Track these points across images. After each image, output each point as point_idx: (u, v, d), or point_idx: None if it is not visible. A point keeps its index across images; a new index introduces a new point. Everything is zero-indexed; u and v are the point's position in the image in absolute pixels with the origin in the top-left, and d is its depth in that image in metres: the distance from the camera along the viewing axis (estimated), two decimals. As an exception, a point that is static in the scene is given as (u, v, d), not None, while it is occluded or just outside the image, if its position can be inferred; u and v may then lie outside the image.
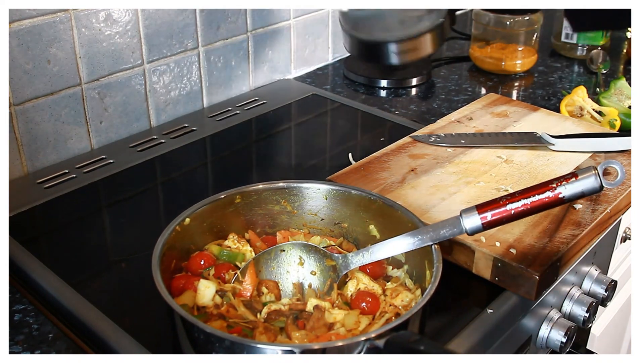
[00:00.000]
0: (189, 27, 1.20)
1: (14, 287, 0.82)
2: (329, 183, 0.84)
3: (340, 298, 0.74)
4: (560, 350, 0.89)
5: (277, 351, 0.60)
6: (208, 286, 0.72)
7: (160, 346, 0.71)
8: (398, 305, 0.72)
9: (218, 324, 0.68)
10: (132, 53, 1.13)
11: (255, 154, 1.18)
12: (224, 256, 0.78)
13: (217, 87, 1.30)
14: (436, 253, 0.71)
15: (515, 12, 1.46)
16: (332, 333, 0.67)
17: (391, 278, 0.78)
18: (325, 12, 1.47)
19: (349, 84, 1.43)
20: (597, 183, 0.68)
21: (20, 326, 0.75)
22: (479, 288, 0.81)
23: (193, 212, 0.78)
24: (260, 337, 0.66)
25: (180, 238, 0.76)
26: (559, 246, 0.81)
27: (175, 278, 0.75)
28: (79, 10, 1.04)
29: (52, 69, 1.03)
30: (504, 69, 1.46)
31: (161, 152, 1.12)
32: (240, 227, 0.83)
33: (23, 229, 0.92)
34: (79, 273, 0.84)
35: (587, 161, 1.01)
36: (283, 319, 0.69)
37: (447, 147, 1.04)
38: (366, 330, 0.68)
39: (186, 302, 0.71)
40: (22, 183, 1.03)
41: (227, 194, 0.81)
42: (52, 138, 1.07)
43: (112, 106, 1.13)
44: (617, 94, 1.28)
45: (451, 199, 0.91)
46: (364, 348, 0.61)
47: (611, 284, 0.98)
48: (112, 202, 1.00)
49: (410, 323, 0.64)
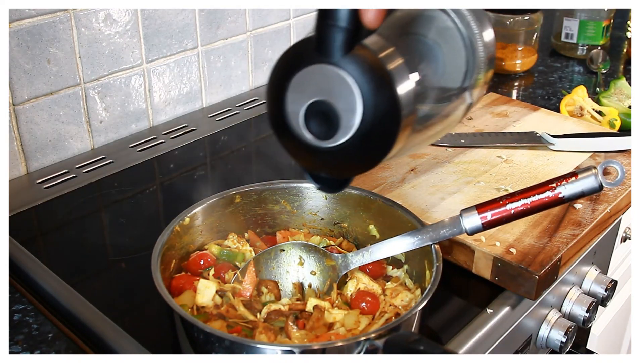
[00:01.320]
0: (189, 27, 1.20)
1: (14, 287, 0.82)
2: None
3: (340, 298, 0.74)
4: (560, 350, 0.89)
5: (277, 351, 0.60)
6: (208, 286, 0.72)
7: (160, 346, 0.71)
8: (398, 305, 0.72)
9: (218, 324, 0.68)
10: (132, 53, 1.13)
11: (255, 154, 1.18)
12: (223, 256, 0.78)
13: (216, 87, 1.30)
14: (436, 253, 0.71)
15: (515, 12, 1.46)
16: (332, 333, 0.67)
17: (391, 278, 0.78)
18: (325, 12, 1.47)
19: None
20: (597, 183, 0.68)
21: (20, 326, 0.75)
22: (479, 288, 0.81)
23: (193, 212, 0.78)
24: (260, 337, 0.66)
25: (180, 238, 0.76)
26: (559, 246, 0.81)
27: (175, 278, 0.75)
28: (79, 10, 1.03)
29: (51, 69, 1.03)
30: (504, 68, 1.46)
31: (161, 152, 1.12)
32: (240, 227, 0.83)
33: (23, 229, 0.92)
34: (79, 273, 0.84)
35: (587, 161, 1.01)
36: (283, 319, 0.69)
37: (447, 147, 1.04)
38: (366, 330, 0.68)
39: (186, 302, 0.71)
40: (22, 183, 1.03)
41: (227, 194, 0.81)
42: (52, 138, 1.07)
43: (112, 106, 1.13)
44: (617, 94, 1.28)
45: (451, 199, 0.91)
46: (364, 348, 0.61)
47: (611, 284, 0.98)
48: (112, 202, 1.00)
49: (409, 323, 0.64)
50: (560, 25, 1.57)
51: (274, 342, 0.66)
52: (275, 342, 0.66)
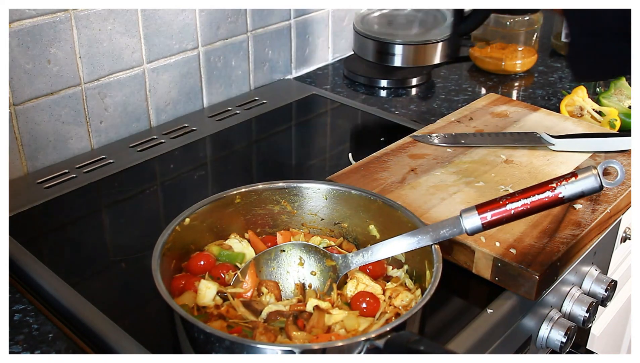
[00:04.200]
0: (189, 27, 1.20)
1: (14, 287, 0.82)
2: (328, 183, 0.84)
3: (340, 298, 0.74)
4: (560, 350, 0.89)
5: (277, 351, 0.60)
6: (209, 287, 0.72)
7: (160, 346, 0.72)
8: (398, 305, 0.72)
9: (218, 324, 0.68)
10: (132, 53, 1.13)
11: (255, 154, 1.18)
12: (223, 257, 0.78)
13: (217, 87, 1.30)
14: (436, 253, 0.71)
15: (515, 12, 1.46)
16: (332, 333, 0.67)
17: (391, 278, 0.78)
18: (325, 12, 1.47)
19: (349, 84, 1.43)
20: (597, 183, 0.68)
21: (20, 326, 0.75)
22: (479, 288, 0.81)
23: (193, 212, 0.78)
24: (260, 337, 0.66)
25: (181, 238, 0.76)
26: (559, 246, 0.81)
27: (175, 278, 0.75)
28: (79, 10, 1.04)
29: (52, 69, 1.03)
30: (504, 69, 1.46)
31: (161, 152, 1.12)
32: (240, 227, 0.83)
33: (23, 229, 0.92)
34: (79, 273, 0.84)
35: (587, 161, 1.01)
36: (283, 319, 0.69)
37: (447, 147, 1.04)
38: (366, 331, 0.68)
39: (186, 302, 0.71)
40: (22, 183, 1.03)
41: (227, 194, 0.81)
42: (52, 138, 1.07)
43: (112, 106, 1.13)
44: (617, 94, 1.28)
45: (451, 199, 0.91)
46: (364, 348, 0.61)
47: (611, 284, 0.98)
48: (112, 202, 1.00)
49: (409, 323, 0.64)
50: (560, 25, 1.57)
51: (274, 342, 0.66)
52: (275, 342, 0.66)
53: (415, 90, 1.40)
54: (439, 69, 1.49)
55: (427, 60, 1.35)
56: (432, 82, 1.44)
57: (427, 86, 1.43)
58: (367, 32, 1.36)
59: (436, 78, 1.46)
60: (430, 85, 1.43)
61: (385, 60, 1.36)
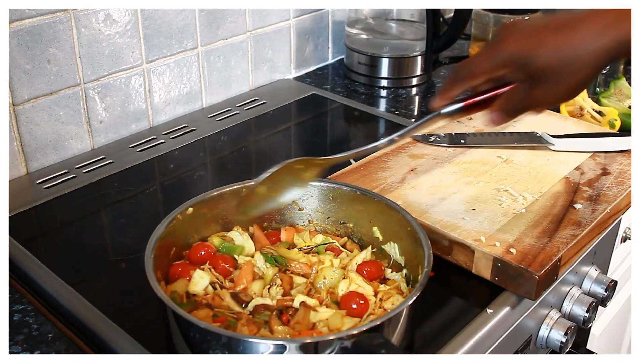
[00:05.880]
0: (189, 27, 1.20)
1: (14, 287, 0.82)
2: (336, 183, 0.85)
3: (330, 297, 0.74)
4: (560, 350, 0.89)
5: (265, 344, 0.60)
6: (203, 277, 0.74)
7: (160, 346, 0.71)
8: (388, 308, 0.72)
9: (204, 312, 0.69)
10: (132, 53, 1.13)
11: (255, 154, 1.18)
12: (223, 249, 0.79)
13: (216, 87, 1.30)
14: (428, 258, 0.71)
15: (515, 12, 1.46)
16: (314, 331, 0.68)
17: (388, 280, 0.78)
18: (325, 12, 1.47)
19: (349, 84, 1.43)
20: None
21: (20, 326, 0.75)
22: (478, 288, 0.81)
23: (196, 202, 0.79)
24: (242, 329, 0.67)
25: (183, 227, 0.77)
26: (559, 246, 0.81)
27: (173, 265, 0.77)
28: (79, 10, 1.03)
29: (51, 69, 1.03)
30: (504, 69, 1.45)
31: (161, 152, 1.12)
32: (246, 220, 0.84)
33: (23, 229, 0.92)
34: (79, 273, 0.84)
35: (587, 161, 1.01)
36: (268, 313, 0.69)
37: (447, 147, 1.04)
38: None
39: (177, 289, 0.72)
40: (22, 183, 1.03)
41: (231, 188, 0.82)
42: (52, 138, 1.07)
43: (112, 106, 1.13)
44: (617, 94, 1.28)
45: (451, 199, 0.91)
46: (336, 347, 0.61)
47: (611, 284, 0.98)
48: (112, 202, 1.00)
49: (385, 327, 0.64)
50: (560, 26, 1.57)
51: (256, 334, 0.67)
52: (256, 335, 0.66)
53: (415, 90, 1.40)
54: (438, 69, 1.49)
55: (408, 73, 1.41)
56: (432, 82, 1.44)
57: (427, 86, 1.42)
58: (351, 45, 1.42)
59: (436, 78, 1.46)
60: (430, 85, 1.43)
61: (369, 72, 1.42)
